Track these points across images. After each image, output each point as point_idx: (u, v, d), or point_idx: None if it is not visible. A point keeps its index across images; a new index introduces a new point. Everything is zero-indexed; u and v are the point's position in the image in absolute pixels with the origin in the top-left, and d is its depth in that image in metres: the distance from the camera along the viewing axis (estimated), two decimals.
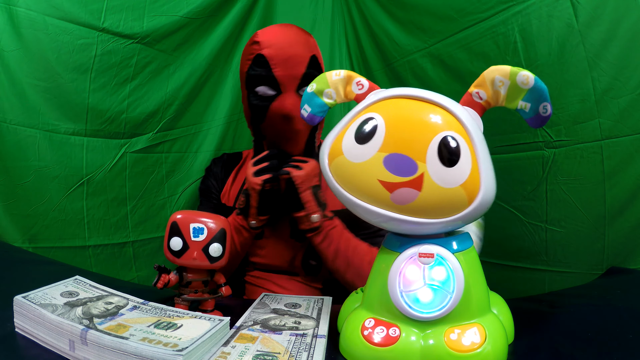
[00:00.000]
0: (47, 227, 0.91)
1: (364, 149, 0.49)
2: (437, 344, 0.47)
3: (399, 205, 0.48)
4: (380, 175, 0.48)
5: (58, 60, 0.90)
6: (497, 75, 0.47)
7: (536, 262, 0.89)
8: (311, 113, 0.58)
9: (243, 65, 0.82)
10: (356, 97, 0.56)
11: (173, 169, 1.14)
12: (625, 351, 0.49)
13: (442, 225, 0.48)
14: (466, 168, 0.45)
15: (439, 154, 0.45)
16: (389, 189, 0.47)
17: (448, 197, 0.46)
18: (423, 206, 0.47)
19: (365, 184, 0.49)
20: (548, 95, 0.46)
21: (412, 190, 0.46)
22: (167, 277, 0.63)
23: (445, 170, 0.45)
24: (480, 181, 0.46)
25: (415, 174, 0.46)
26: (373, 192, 0.48)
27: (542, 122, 0.47)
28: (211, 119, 1.21)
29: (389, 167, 0.47)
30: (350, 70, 0.57)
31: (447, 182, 0.46)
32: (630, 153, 0.75)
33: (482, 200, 0.46)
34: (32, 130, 0.89)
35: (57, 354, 0.47)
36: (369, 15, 1.23)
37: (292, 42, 0.78)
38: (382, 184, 0.48)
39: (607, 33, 0.75)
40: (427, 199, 0.46)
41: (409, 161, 0.46)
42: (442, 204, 0.47)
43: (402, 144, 0.47)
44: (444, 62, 1.03)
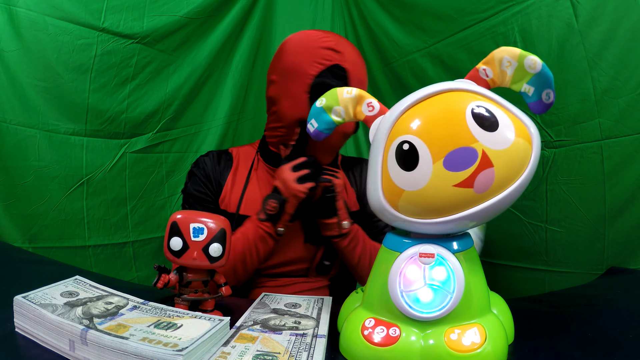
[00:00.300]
0: (47, 227, 0.91)
1: (419, 171, 0.46)
2: (437, 344, 0.47)
3: (483, 192, 0.46)
4: (452, 180, 0.45)
5: (58, 60, 0.90)
6: (506, 56, 0.48)
7: (536, 262, 0.89)
8: (317, 129, 0.57)
9: (308, 65, 0.76)
10: (366, 118, 0.55)
11: (173, 169, 1.14)
12: (625, 351, 0.49)
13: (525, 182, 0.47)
14: (507, 121, 0.46)
15: (480, 126, 0.45)
16: (469, 185, 0.45)
17: (515, 152, 0.45)
18: (503, 176, 0.45)
19: (446, 198, 0.46)
20: (553, 83, 0.46)
21: (487, 171, 0.45)
22: (167, 277, 0.62)
23: (495, 134, 0.45)
24: (525, 123, 0.46)
25: (478, 157, 0.45)
26: (456, 200, 0.46)
27: (543, 108, 0.48)
28: (211, 119, 1.21)
29: (452, 168, 0.45)
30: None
31: (505, 141, 0.45)
32: (630, 153, 0.75)
33: (537, 136, 0.46)
34: (32, 130, 0.89)
35: (57, 354, 0.47)
36: (368, 15, 1.23)
37: (363, 66, 0.80)
38: (459, 186, 0.45)
39: (607, 33, 0.75)
40: (503, 168, 0.45)
41: (465, 150, 0.45)
42: (515, 162, 0.46)
43: (447, 141, 0.46)
44: (444, 62, 1.03)
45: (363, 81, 0.80)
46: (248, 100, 1.30)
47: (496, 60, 0.49)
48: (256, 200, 0.82)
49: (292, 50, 0.79)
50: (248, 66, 1.27)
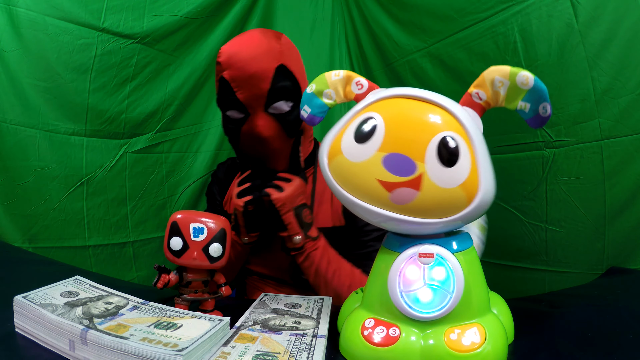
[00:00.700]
0: (47, 227, 0.91)
1: (363, 148, 0.48)
2: (437, 344, 0.47)
3: (398, 205, 0.48)
4: (379, 175, 0.48)
5: (58, 60, 0.90)
6: (497, 76, 0.47)
7: (536, 262, 0.89)
8: (311, 114, 0.58)
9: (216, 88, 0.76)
10: (356, 97, 0.55)
11: (173, 169, 1.14)
12: (625, 351, 0.49)
13: (441, 225, 0.48)
14: (465, 168, 0.45)
15: (438, 154, 0.45)
16: (388, 189, 0.47)
17: (447, 197, 0.46)
18: (422, 206, 0.47)
19: (365, 184, 0.49)
20: (548, 96, 0.46)
21: (411, 190, 0.46)
22: (167, 277, 0.63)
23: (444, 170, 0.45)
24: (479, 181, 0.46)
25: (414, 174, 0.46)
26: (372, 192, 0.48)
27: (541, 122, 0.47)
28: (211, 119, 1.21)
29: (388, 166, 0.47)
30: (350, 70, 0.57)
31: (446, 182, 0.46)
32: (630, 153, 0.75)
33: (481, 201, 0.46)
34: (32, 130, 0.89)
35: (57, 354, 0.47)
36: (369, 15, 1.23)
37: (251, 58, 0.69)
38: (381, 183, 0.48)
39: (607, 33, 0.75)
40: (426, 199, 0.46)
41: (408, 161, 0.46)
42: (441, 203, 0.47)
43: (402, 143, 0.47)
44: (444, 62, 1.03)
45: (254, 73, 0.69)
46: None
47: (487, 81, 0.48)
48: None
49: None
50: None
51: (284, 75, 0.71)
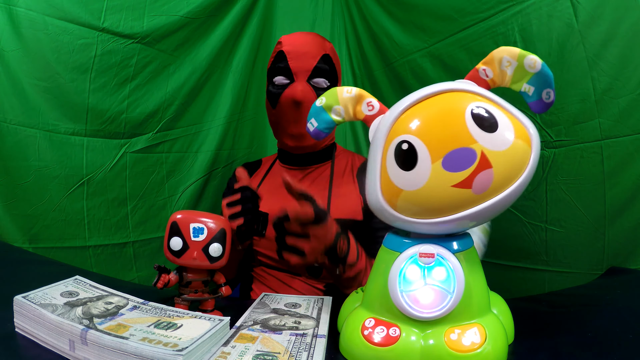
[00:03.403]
0: (47, 227, 0.91)
1: (417, 171, 0.46)
2: (437, 344, 0.47)
3: (482, 192, 0.46)
4: (451, 181, 0.45)
5: (58, 60, 0.90)
6: (506, 55, 0.48)
7: (536, 262, 0.89)
8: (317, 128, 0.57)
9: (269, 63, 0.92)
10: (365, 118, 0.55)
11: (173, 169, 1.14)
12: (625, 351, 0.49)
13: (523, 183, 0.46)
14: (506, 123, 0.46)
15: (479, 127, 0.45)
16: (468, 185, 0.45)
17: (514, 154, 0.45)
18: (501, 177, 0.45)
19: (444, 199, 0.46)
20: (553, 83, 0.46)
21: (486, 172, 0.45)
22: (167, 277, 0.63)
23: (494, 135, 0.45)
24: (524, 125, 0.46)
25: (477, 157, 0.45)
26: (455, 200, 0.46)
27: (543, 107, 0.48)
28: (211, 119, 1.21)
29: (451, 168, 0.45)
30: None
31: (504, 143, 0.45)
32: (630, 153, 0.75)
33: (537, 139, 0.46)
34: (32, 130, 0.89)
35: (57, 354, 0.47)
36: (369, 15, 1.23)
37: (308, 42, 0.88)
38: (458, 186, 0.45)
39: (607, 33, 0.75)
40: (502, 169, 0.45)
41: (464, 151, 0.45)
42: (514, 163, 0.46)
43: (446, 141, 0.46)
44: (444, 62, 1.03)
45: (306, 52, 0.86)
46: (248, 100, 1.30)
47: (496, 60, 0.49)
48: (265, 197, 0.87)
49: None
50: (248, 66, 1.27)
51: (327, 61, 0.88)
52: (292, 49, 0.86)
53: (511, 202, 0.47)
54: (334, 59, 0.90)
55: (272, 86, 0.89)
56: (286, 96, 0.85)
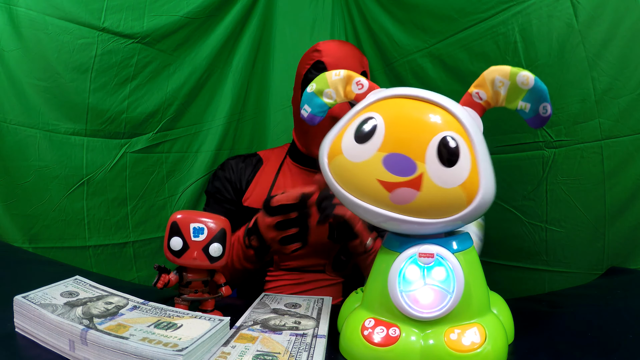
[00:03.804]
0: (47, 227, 0.91)
1: (364, 148, 0.49)
2: (437, 344, 0.47)
3: (398, 205, 0.48)
4: (380, 175, 0.48)
5: (58, 60, 0.89)
6: (497, 76, 0.47)
7: (536, 262, 0.89)
8: (311, 113, 0.58)
9: (301, 69, 0.91)
10: (356, 96, 0.55)
11: (173, 169, 1.14)
12: (625, 351, 0.49)
13: (441, 225, 0.48)
14: (465, 168, 0.45)
15: (438, 154, 0.45)
16: (388, 189, 0.47)
17: (447, 197, 0.46)
18: (422, 206, 0.47)
19: (365, 184, 0.49)
20: (548, 96, 0.46)
21: (411, 190, 0.46)
22: (167, 277, 0.63)
23: (444, 170, 0.45)
24: (479, 181, 0.46)
25: (415, 174, 0.46)
26: (372, 192, 0.48)
27: (542, 122, 0.47)
28: (211, 119, 1.21)
29: (388, 166, 0.47)
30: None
31: (446, 182, 0.46)
32: (630, 153, 0.75)
33: (481, 201, 0.46)
34: (32, 130, 0.88)
35: (57, 354, 0.47)
36: (369, 15, 1.23)
37: (349, 56, 0.87)
38: (381, 183, 0.48)
39: (607, 33, 0.75)
40: (426, 199, 0.46)
41: (408, 161, 0.46)
42: (441, 204, 0.47)
43: (402, 143, 0.47)
44: (444, 62, 1.02)
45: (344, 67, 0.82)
46: (248, 100, 1.30)
47: (488, 81, 0.48)
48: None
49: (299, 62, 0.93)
50: (248, 66, 1.27)
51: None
52: (333, 61, 0.85)
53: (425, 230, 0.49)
54: (369, 76, 0.90)
55: None
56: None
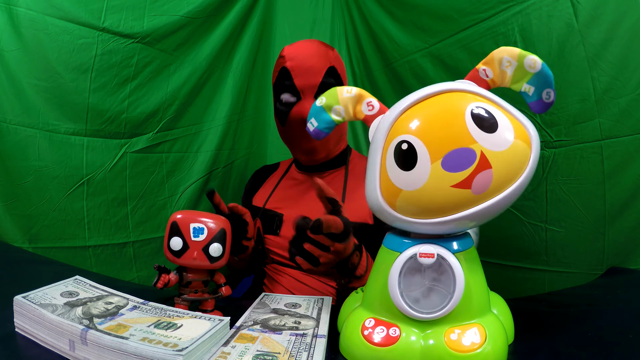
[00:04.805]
0: (47, 227, 0.91)
1: (417, 171, 0.46)
2: (437, 344, 0.47)
3: (481, 193, 0.46)
4: (450, 181, 0.45)
5: (58, 60, 0.89)
6: (506, 56, 0.48)
7: (536, 262, 0.89)
8: (317, 128, 0.57)
9: (273, 78, 0.93)
10: (365, 117, 0.55)
11: (173, 169, 1.14)
12: (625, 351, 0.49)
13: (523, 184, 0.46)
14: (506, 123, 0.46)
15: (479, 127, 0.45)
16: (467, 186, 0.45)
17: (513, 154, 0.46)
18: (501, 178, 0.45)
19: (443, 199, 0.46)
20: (553, 82, 0.46)
21: (485, 172, 0.45)
22: (167, 277, 0.63)
23: (494, 136, 0.45)
24: (524, 125, 0.46)
25: (477, 157, 0.45)
26: (454, 200, 0.46)
27: (544, 107, 0.48)
28: (212, 119, 1.21)
29: (451, 168, 0.45)
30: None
31: (503, 143, 0.45)
32: (630, 153, 0.75)
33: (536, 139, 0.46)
34: (32, 130, 0.88)
35: (57, 354, 0.47)
36: (369, 15, 1.23)
37: (311, 55, 0.86)
38: (457, 187, 0.45)
39: (607, 33, 0.75)
40: (502, 169, 0.45)
41: (463, 151, 0.45)
42: (513, 163, 0.46)
43: (446, 141, 0.46)
44: (444, 62, 1.03)
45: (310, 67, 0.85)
46: (248, 100, 1.30)
47: (496, 60, 0.49)
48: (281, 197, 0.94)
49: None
50: (248, 66, 1.27)
51: (332, 74, 0.87)
52: (295, 64, 0.85)
53: (511, 202, 0.47)
54: (339, 69, 0.89)
55: (279, 104, 0.89)
56: (294, 115, 0.86)
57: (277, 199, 0.95)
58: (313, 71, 0.85)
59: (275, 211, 0.92)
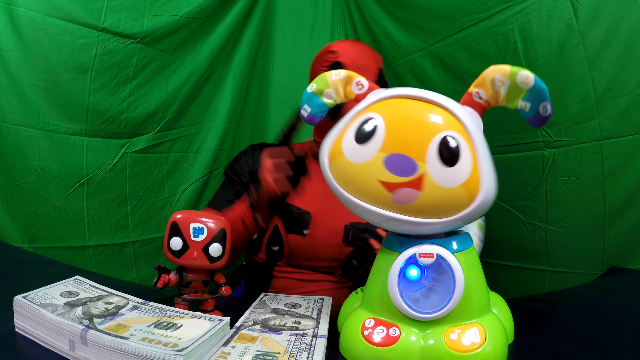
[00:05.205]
0: (47, 227, 0.91)
1: (364, 149, 0.48)
2: (437, 344, 0.47)
3: (400, 205, 0.48)
4: (381, 176, 0.48)
5: (58, 60, 0.89)
6: (497, 75, 0.47)
7: (536, 262, 0.89)
8: (311, 113, 0.58)
9: (317, 71, 0.89)
10: (356, 97, 0.55)
11: (173, 169, 1.14)
12: (625, 351, 0.49)
13: (442, 225, 0.48)
14: (466, 168, 0.45)
15: (439, 154, 0.45)
16: (390, 189, 0.47)
17: (448, 197, 0.46)
18: (423, 206, 0.47)
19: (366, 185, 0.49)
20: (548, 95, 0.46)
21: (412, 191, 0.46)
22: (167, 277, 0.63)
23: (445, 170, 0.45)
24: (480, 181, 0.46)
25: (416, 174, 0.46)
26: (373, 193, 0.48)
27: (542, 121, 0.47)
28: (211, 119, 1.21)
29: (389, 167, 0.47)
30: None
31: (448, 182, 0.46)
32: (630, 153, 0.75)
33: (482, 200, 0.46)
34: (32, 130, 0.89)
35: (57, 354, 0.47)
36: (368, 15, 1.23)
37: (364, 54, 0.88)
38: (382, 184, 0.48)
39: (607, 33, 0.75)
40: (428, 199, 0.46)
41: (409, 161, 0.46)
42: (443, 203, 0.47)
43: (402, 144, 0.47)
44: (444, 62, 1.03)
45: (364, 66, 0.85)
46: (249, 100, 1.30)
47: (488, 81, 0.48)
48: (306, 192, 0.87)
49: (312, 63, 0.93)
50: (248, 66, 1.27)
51: (381, 77, 0.89)
52: (350, 61, 0.85)
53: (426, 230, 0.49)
54: (384, 73, 0.91)
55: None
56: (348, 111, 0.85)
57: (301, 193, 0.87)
58: (367, 69, 0.85)
59: (301, 209, 0.88)
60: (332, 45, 0.88)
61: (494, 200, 0.48)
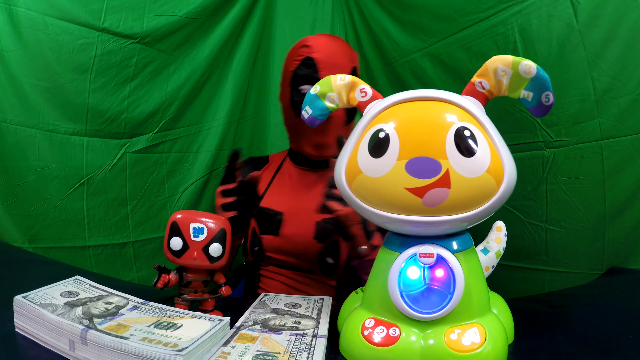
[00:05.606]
0: (47, 227, 0.91)
1: (382, 161, 0.47)
2: (437, 344, 0.47)
3: (432, 207, 0.47)
4: (407, 183, 0.46)
5: (58, 60, 0.89)
6: (500, 65, 0.47)
7: (536, 262, 0.89)
8: (312, 115, 0.58)
9: (289, 65, 0.89)
10: (359, 104, 0.55)
11: (173, 169, 1.14)
12: (625, 351, 0.49)
13: (476, 216, 0.47)
14: (486, 153, 0.46)
15: (457, 147, 0.45)
16: (419, 194, 0.46)
17: (477, 186, 0.46)
18: (456, 201, 0.46)
19: (393, 196, 0.47)
20: (550, 85, 0.46)
21: (442, 190, 0.46)
22: (167, 277, 0.63)
23: (467, 160, 0.45)
24: (502, 163, 0.46)
25: (441, 172, 0.45)
26: (403, 201, 0.47)
27: (544, 110, 0.48)
28: (211, 119, 1.21)
29: (412, 172, 0.46)
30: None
31: (473, 171, 0.45)
32: (630, 153, 0.75)
33: (508, 182, 0.46)
34: (32, 130, 0.88)
35: (57, 354, 0.47)
36: (368, 15, 1.23)
37: (339, 52, 0.86)
38: (410, 191, 0.46)
39: (607, 33, 0.75)
40: (458, 193, 0.46)
41: (431, 161, 0.46)
42: (473, 194, 0.46)
43: (420, 146, 0.46)
44: (444, 62, 1.03)
45: (337, 64, 0.84)
46: (249, 100, 1.30)
47: (490, 70, 0.48)
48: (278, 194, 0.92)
49: (287, 55, 0.92)
50: (248, 66, 1.27)
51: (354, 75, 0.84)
52: (323, 57, 0.83)
53: (463, 225, 0.49)
54: (358, 72, 0.89)
55: (297, 95, 0.86)
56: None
57: (273, 196, 0.93)
58: (340, 67, 0.83)
59: (273, 210, 0.91)
60: (307, 39, 0.86)
61: (516, 181, 0.48)
